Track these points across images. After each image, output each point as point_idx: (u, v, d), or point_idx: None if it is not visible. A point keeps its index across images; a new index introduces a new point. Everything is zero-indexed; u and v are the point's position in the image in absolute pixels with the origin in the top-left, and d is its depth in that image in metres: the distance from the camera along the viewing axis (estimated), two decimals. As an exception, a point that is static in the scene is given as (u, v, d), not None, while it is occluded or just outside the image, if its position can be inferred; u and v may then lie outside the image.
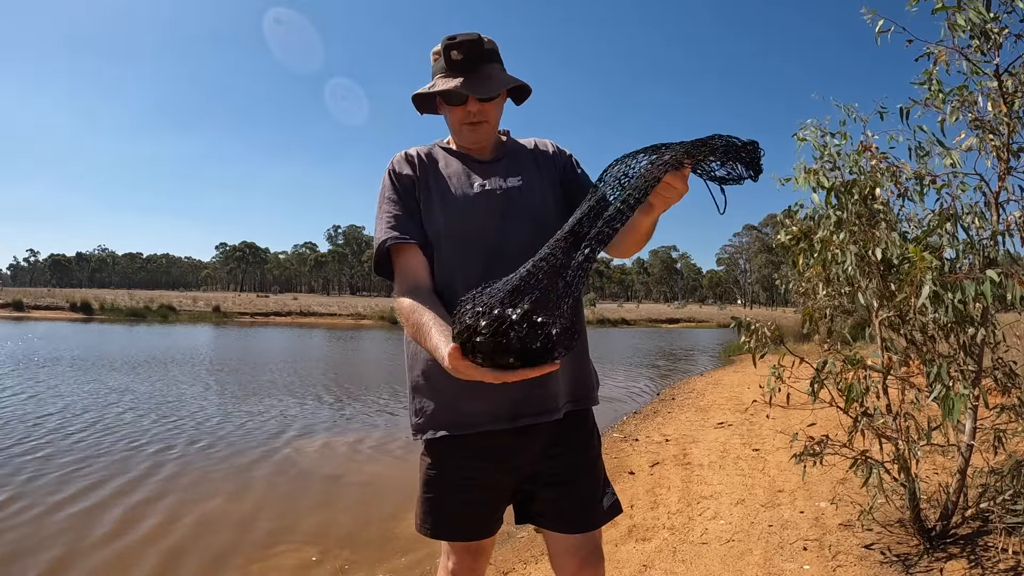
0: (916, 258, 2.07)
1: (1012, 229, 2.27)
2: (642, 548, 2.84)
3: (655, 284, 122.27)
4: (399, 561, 2.96)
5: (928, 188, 2.40)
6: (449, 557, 1.34)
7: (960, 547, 2.39)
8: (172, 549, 3.10)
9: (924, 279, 2.02)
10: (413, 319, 1.15)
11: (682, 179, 0.95)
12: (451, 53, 1.21)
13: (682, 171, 0.94)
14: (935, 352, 2.36)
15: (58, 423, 5.87)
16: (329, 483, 4.27)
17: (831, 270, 2.56)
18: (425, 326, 1.11)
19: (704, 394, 8.09)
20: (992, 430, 2.36)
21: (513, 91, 1.34)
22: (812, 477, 3.50)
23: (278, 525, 3.45)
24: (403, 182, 1.30)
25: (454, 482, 1.27)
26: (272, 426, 6.03)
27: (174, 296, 43.00)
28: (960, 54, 2.35)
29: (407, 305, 1.18)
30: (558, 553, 1.28)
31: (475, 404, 1.21)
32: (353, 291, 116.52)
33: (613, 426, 6.24)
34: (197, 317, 29.17)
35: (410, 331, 1.17)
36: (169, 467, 4.53)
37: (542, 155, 1.38)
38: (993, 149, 2.34)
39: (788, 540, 2.76)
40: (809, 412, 5.11)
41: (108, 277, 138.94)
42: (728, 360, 13.71)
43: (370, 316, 30.79)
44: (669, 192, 0.97)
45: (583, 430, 1.31)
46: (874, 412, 2.41)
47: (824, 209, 2.52)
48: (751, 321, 2.57)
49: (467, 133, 1.29)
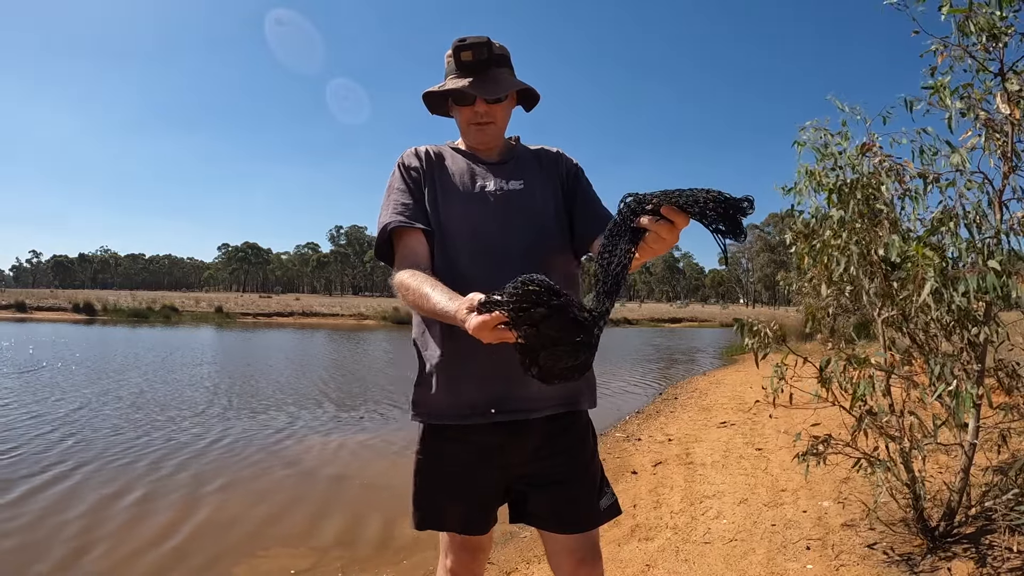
0: (919, 255, 2.07)
1: (1016, 228, 2.26)
2: (645, 547, 2.84)
3: (657, 283, 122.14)
4: (401, 562, 2.97)
5: (931, 187, 2.39)
6: (447, 556, 1.37)
7: (964, 546, 2.38)
8: (172, 549, 3.11)
9: (926, 276, 2.02)
10: (413, 286, 1.14)
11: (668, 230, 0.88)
12: (461, 55, 1.25)
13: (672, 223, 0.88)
14: (938, 351, 2.36)
15: (57, 424, 5.89)
16: (331, 483, 4.28)
17: (833, 270, 2.55)
18: (425, 289, 1.10)
19: (707, 393, 8.08)
20: (996, 429, 2.36)
21: (523, 98, 1.38)
22: (815, 476, 3.49)
23: (279, 525, 3.46)
24: (412, 175, 1.32)
25: (438, 472, 1.30)
26: (274, 426, 6.04)
27: (176, 297, 43.10)
28: (965, 52, 2.35)
29: (406, 275, 1.18)
30: (554, 553, 1.29)
31: (457, 396, 1.23)
32: (355, 291, 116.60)
33: (616, 425, 6.24)
34: (200, 318, 29.22)
35: (409, 297, 1.15)
36: (170, 468, 4.54)
37: (547, 160, 1.40)
38: (998, 148, 2.34)
39: (791, 539, 2.76)
40: (812, 412, 5.10)
41: (111, 278, 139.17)
42: (731, 359, 13.69)
43: (373, 316, 30.82)
44: (658, 244, 0.90)
45: (576, 432, 1.31)
46: (878, 411, 2.41)
47: (826, 209, 2.52)
48: (752, 322, 2.57)
49: (474, 133, 1.32)
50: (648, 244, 0.90)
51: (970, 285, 1.91)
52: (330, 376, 10.15)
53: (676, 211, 0.86)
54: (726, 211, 0.85)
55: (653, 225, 0.87)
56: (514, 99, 1.35)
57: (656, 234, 0.88)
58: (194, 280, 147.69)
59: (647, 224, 0.88)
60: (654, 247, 0.91)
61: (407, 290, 1.16)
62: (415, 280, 1.15)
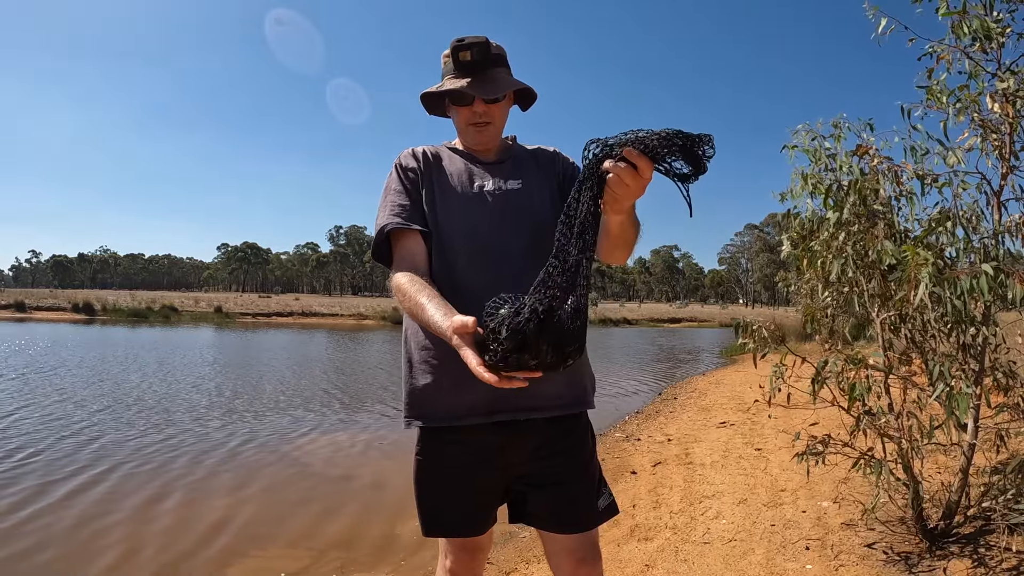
0: (911, 255, 2.07)
1: (1014, 228, 2.27)
2: (644, 548, 2.85)
3: (657, 284, 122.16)
4: (401, 562, 2.97)
5: (930, 188, 2.40)
6: (447, 556, 1.37)
7: (963, 546, 2.39)
8: (173, 549, 3.11)
9: (920, 276, 2.02)
10: (410, 292, 1.15)
11: (632, 175, 0.88)
12: (459, 55, 1.24)
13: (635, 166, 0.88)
14: (936, 351, 2.36)
15: (56, 424, 5.89)
16: (332, 483, 4.28)
17: (828, 272, 2.56)
18: (421, 299, 1.11)
19: (706, 394, 8.09)
20: (995, 429, 2.36)
21: (519, 98, 1.38)
22: (814, 476, 3.50)
23: (279, 525, 3.46)
24: (409, 175, 1.32)
25: (439, 476, 1.29)
26: (274, 426, 6.05)
27: (176, 297, 43.09)
28: (962, 52, 2.36)
29: (404, 279, 1.18)
30: (554, 553, 1.30)
31: (455, 397, 1.22)
32: (355, 291, 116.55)
33: (615, 425, 6.25)
34: (199, 318, 29.22)
35: (405, 303, 1.16)
36: (170, 468, 4.54)
37: (544, 160, 1.39)
38: (995, 148, 2.34)
39: (790, 539, 2.77)
40: (811, 412, 5.09)
41: (110, 278, 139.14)
42: (730, 360, 13.70)
43: (372, 316, 30.82)
44: (620, 188, 0.90)
45: (576, 433, 1.31)
46: (876, 411, 2.41)
47: (823, 211, 2.53)
48: (751, 323, 2.57)
49: (473, 134, 1.32)
50: (611, 188, 0.91)
51: (963, 287, 1.91)
52: (330, 376, 10.16)
53: (637, 154, 0.87)
54: (685, 145, 0.87)
55: (615, 168, 0.89)
56: (511, 99, 1.35)
57: (618, 178, 0.89)
58: (193, 280, 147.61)
59: (609, 167, 0.89)
60: (616, 191, 0.91)
61: (403, 295, 1.16)
62: (412, 287, 1.15)
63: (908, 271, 2.06)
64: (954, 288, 1.95)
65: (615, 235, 1.10)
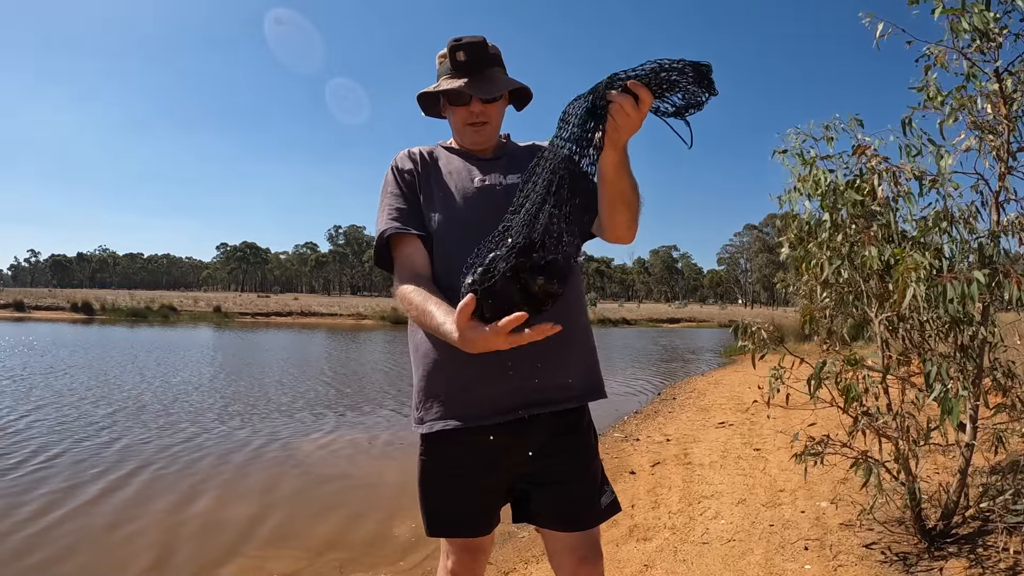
0: (902, 259, 2.08)
1: (1010, 229, 2.27)
2: (643, 548, 2.85)
3: (656, 284, 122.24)
4: (400, 562, 2.97)
5: (929, 188, 2.40)
6: (448, 556, 1.36)
7: (961, 546, 2.39)
8: (173, 549, 3.11)
9: (909, 280, 2.02)
10: (416, 302, 1.15)
11: (632, 105, 0.92)
12: (456, 54, 1.25)
13: (632, 97, 0.92)
14: (934, 352, 2.37)
15: (54, 425, 5.89)
16: (331, 483, 4.28)
17: (822, 273, 2.56)
18: (429, 307, 1.12)
19: (705, 394, 8.09)
20: (993, 430, 2.37)
21: (514, 98, 1.38)
22: (813, 477, 3.50)
23: (278, 525, 3.46)
24: (405, 178, 1.32)
25: (444, 477, 1.29)
26: (274, 426, 6.04)
27: (175, 296, 43.02)
28: (960, 54, 2.36)
29: (409, 290, 1.19)
30: (556, 551, 1.29)
31: (472, 397, 1.22)
32: (354, 291, 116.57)
33: (614, 426, 6.25)
34: (198, 317, 29.19)
35: (413, 314, 1.18)
36: (170, 468, 4.54)
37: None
38: (992, 149, 2.35)
39: (789, 540, 2.77)
40: (810, 412, 5.09)
41: (109, 277, 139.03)
42: (729, 360, 13.70)
43: (371, 316, 30.81)
44: (620, 117, 0.94)
45: (579, 430, 1.31)
46: (874, 412, 2.42)
47: (820, 214, 2.54)
48: (749, 324, 2.58)
49: (470, 134, 1.32)
50: (612, 117, 0.95)
51: (951, 294, 1.91)
52: (330, 376, 10.15)
53: (639, 85, 0.92)
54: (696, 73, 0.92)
55: (616, 97, 0.92)
56: (507, 99, 1.35)
57: (619, 106, 0.93)
58: (192, 280, 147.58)
59: (613, 96, 0.93)
60: (616, 119, 0.95)
61: (411, 305, 1.17)
62: (419, 296, 1.16)
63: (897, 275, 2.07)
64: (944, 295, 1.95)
65: (611, 180, 1.08)
